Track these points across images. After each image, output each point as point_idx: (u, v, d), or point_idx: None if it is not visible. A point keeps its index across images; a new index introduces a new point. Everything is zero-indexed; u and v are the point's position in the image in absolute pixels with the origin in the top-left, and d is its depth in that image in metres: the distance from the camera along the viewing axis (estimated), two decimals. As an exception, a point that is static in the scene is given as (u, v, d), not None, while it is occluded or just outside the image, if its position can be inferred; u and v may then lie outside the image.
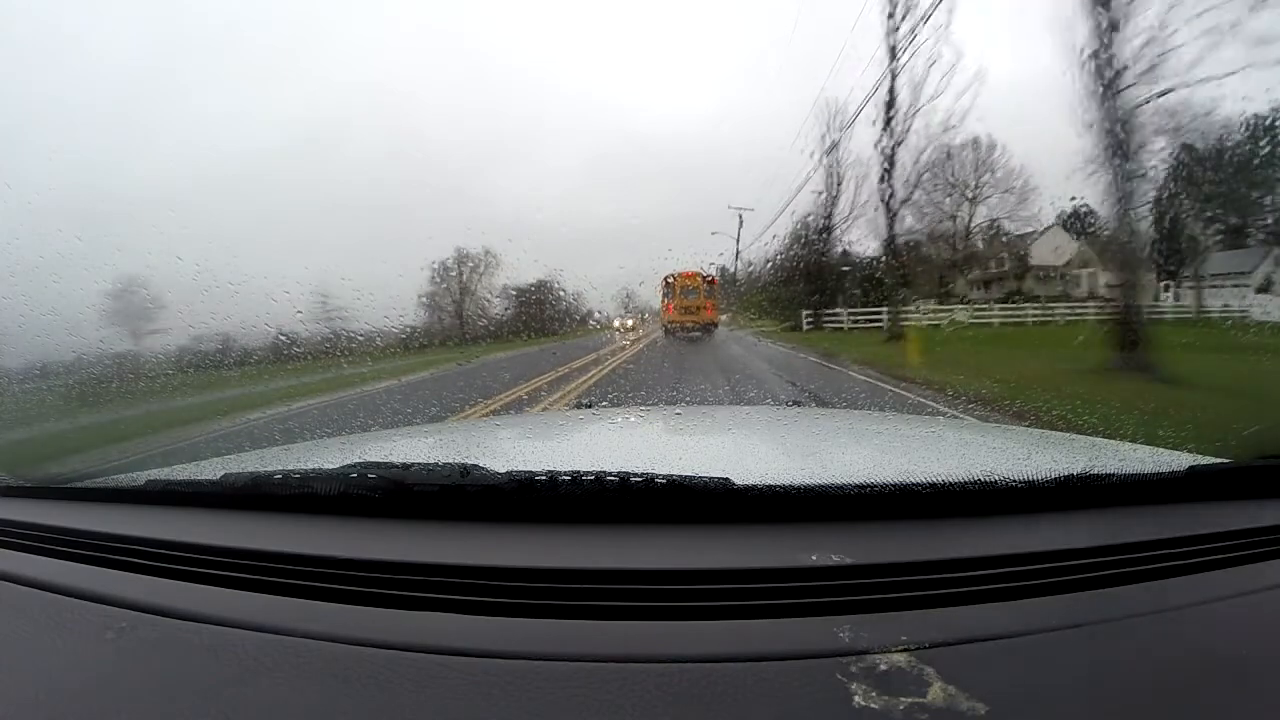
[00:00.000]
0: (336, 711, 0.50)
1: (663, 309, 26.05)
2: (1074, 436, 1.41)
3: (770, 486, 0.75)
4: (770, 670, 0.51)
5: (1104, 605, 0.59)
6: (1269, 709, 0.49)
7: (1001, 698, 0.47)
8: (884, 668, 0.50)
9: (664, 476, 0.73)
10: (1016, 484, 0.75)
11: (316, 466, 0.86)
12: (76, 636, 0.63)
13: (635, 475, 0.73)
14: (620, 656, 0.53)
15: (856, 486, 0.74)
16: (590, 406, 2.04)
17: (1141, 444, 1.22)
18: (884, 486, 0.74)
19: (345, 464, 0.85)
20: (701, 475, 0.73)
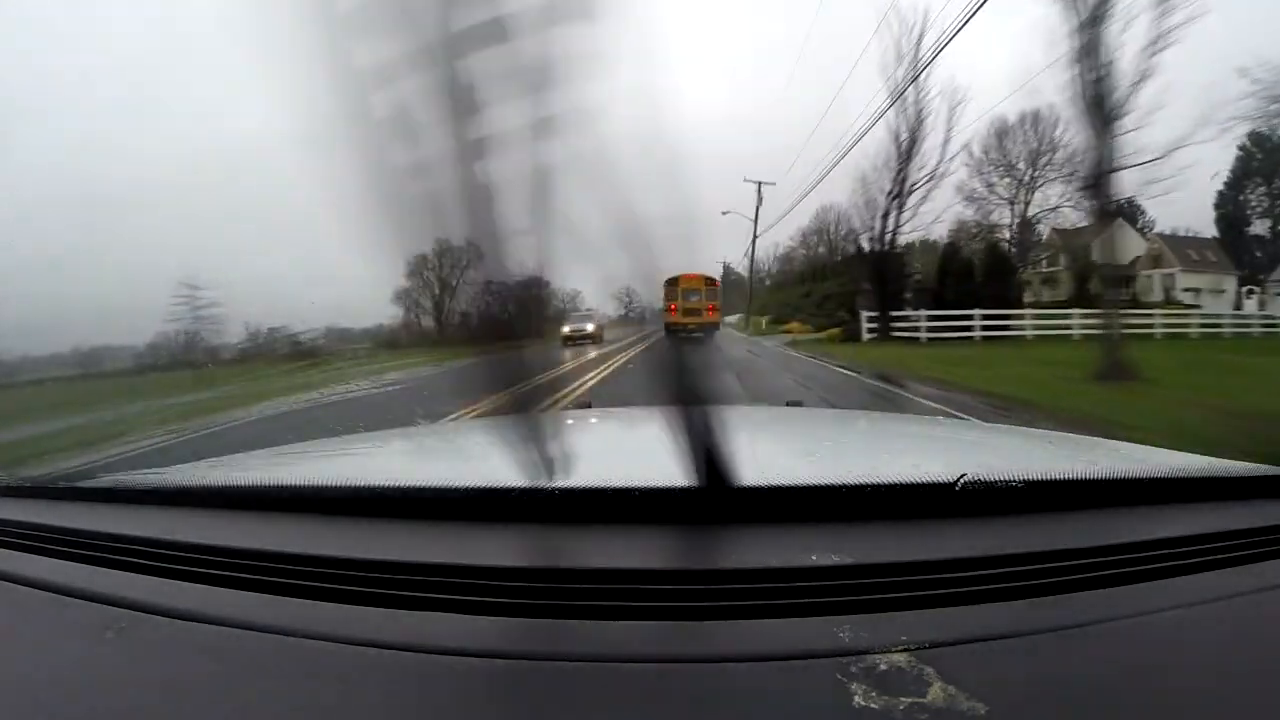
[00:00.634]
0: (336, 711, 0.50)
1: (664, 310, 26.11)
2: (1074, 436, 1.41)
3: (770, 486, 0.75)
4: (770, 670, 0.51)
5: (1104, 605, 0.59)
6: (1268, 709, 0.49)
7: (1001, 698, 0.47)
8: (884, 668, 0.50)
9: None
10: (1017, 484, 0.75)
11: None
12: (76, 636, 0.63)
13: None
14: (620, 656, 0.53)
15: (856, 486, 0.74)
16: (590, 405, 2.05)
17: (1141, 444, 1.22)
18: (884, 486, 0.74)
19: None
20: (698, 476, 0.73)
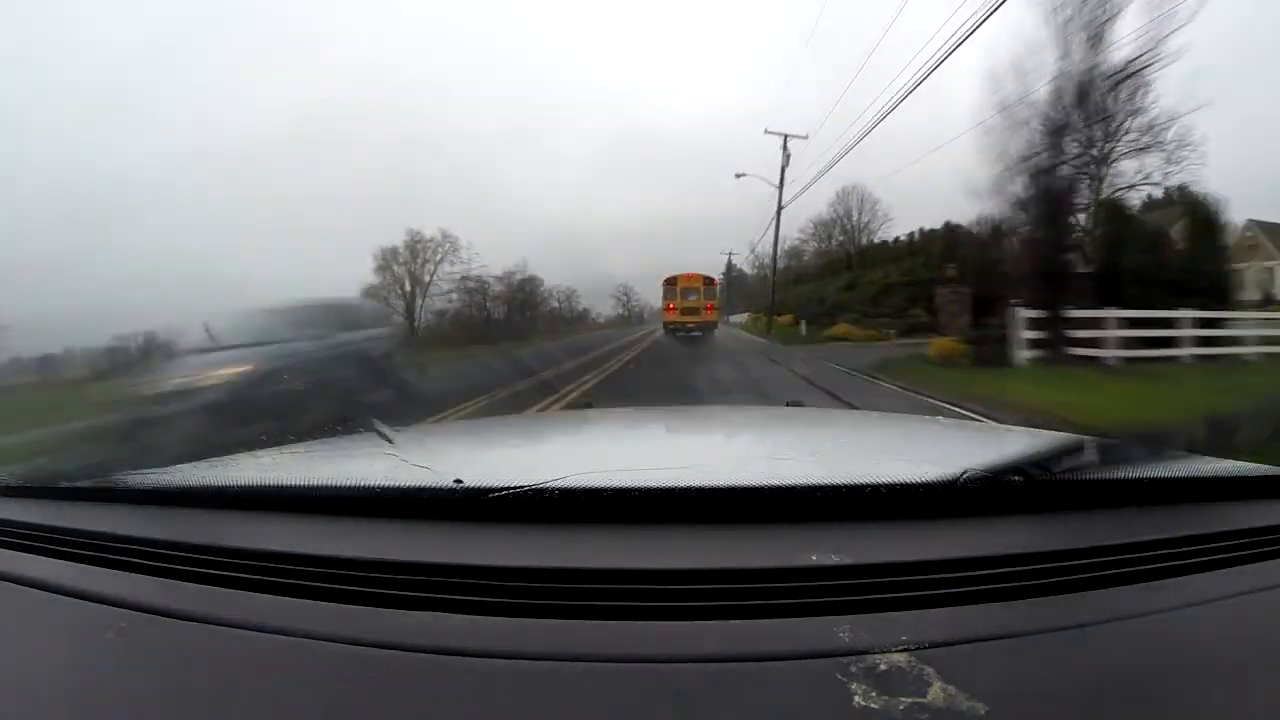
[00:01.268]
0: (336, 711, 0.50)
1: (663, 309, 26.22)
2: (1074, 436, 1.41)
3: (770, 486, 0.75)
4: (770, 670, 0.51)
5: (1104, 605, 0.59)
6: (1268, 709, 0.49)
7: (1001, 698, 0.47)
8: (884, 668, 0.50)
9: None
10: (1016, 484, 0.75)
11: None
12: (76, 636, 0.63)
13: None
14: (620, 656, 0.53)
15: (856, 486, 0.74)
16: (590, 405, 2.05)
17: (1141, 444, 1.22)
18: (884, 486, 0.74)
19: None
20: (701, 475, 0.73)
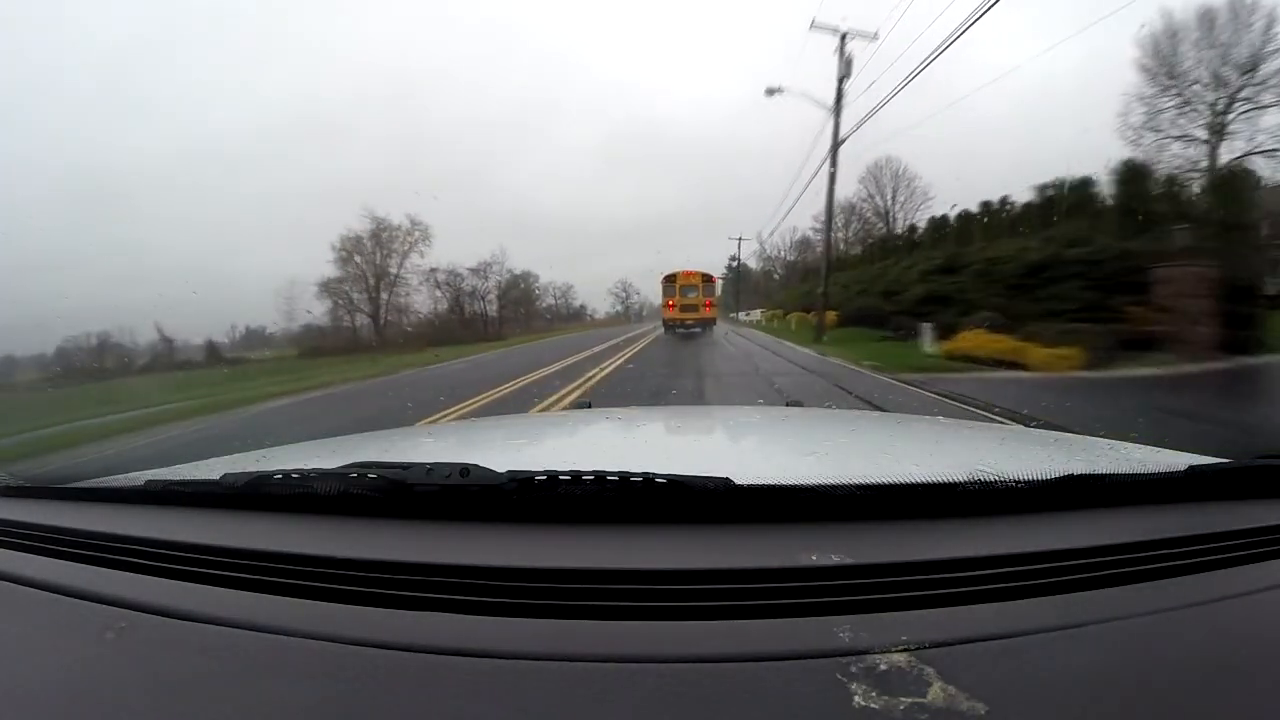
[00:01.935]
0: (336, 711, 0.50)
1: (663, 306, 26.37)
2: (1073, 436, 1.41)
3: (770, 486, 0.75)
4: (770, 670, 0.51)
5: (1103, 605, 0.59)
6: (1269, 709, 0.49)
7: (1001, 698, 0.47)
8: (884, 668, 0.50)
9: (664, 476, 0.73)
10: (1016, 484, 0.75)
11: (316, 467, 0.86)
12: (76, 636, 0.63)
13: (635, 475, 0.73)
14: (620, 656, 0.53)
15: (856, 486, 0.74)
16: (590, 406, 2.05)
17: (1141, 444, 1.22)
18: (884, 486, 0.74)
19: (345, 464, 0.85)
20: (701, 475, 0.73)
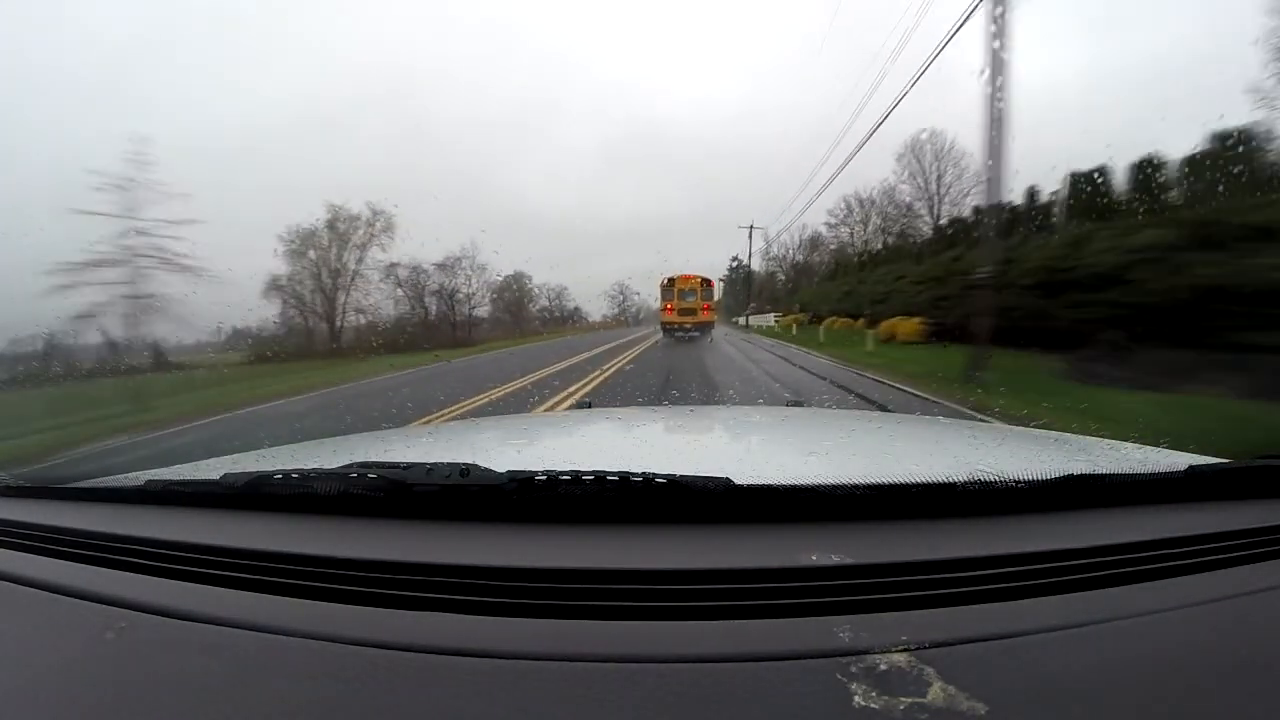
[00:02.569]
0: (336, 711, 0.50)
1: (661, 309, 26.47)
2: (1073, 436, 1.41)
3: (770, 486, 0.75)
4: (770, 670, 0.51)
5: (1104, 605, 0.59)
6: (1269, 709, 0.49)
7: (1001, 698, 0.47)
8: (884, 668, 0.50)
9: (664, 476, 0.73)
10: (1016, 484, 0.75)
11: (316, 466, 0.86)
12: (76, 636, 0.63)
13: (635, 475, 0.73)
14: (620, 656, 0.53)
15: (856, 486, 0.74)
16: (590, 406, 2.05)
17: (1141, 444, 1.22)
18: (884, 486, 0.74)
19: (345, 463, 0.85)
20: (701, 475, 0.73)
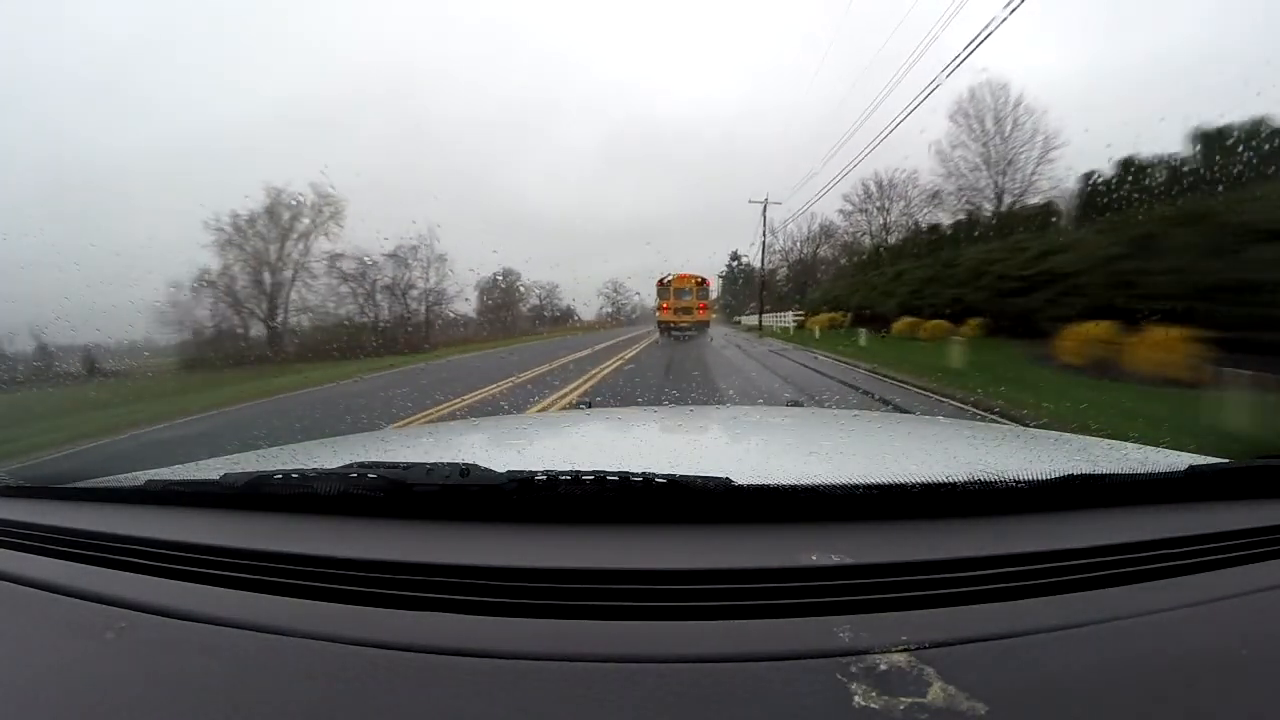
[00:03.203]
0: (336, 711, 0.50)
1: (657, 308, 26.59)
2: (1073, 436, 1.41)
3: (770, 486, 0.75)
4: (770, 670, 0.51)
5: (1104, 605, 0.59)
6: (1269, 709, 0.49)
7: (1001, 698, 0.47)
8: (884, 668, 0.50)
9: (664, 476, 0.73)
10: (1016, 484, 0.75)
11: (316, 466, 0.86)
12: (76, 636, 0.63)
13: (635, 475, 0.73)
14: (620, 656, 0.53)
15: (856, 486, 0.74)
16: (590, 406, 2.05)
17: (1141, 444, 1.22)
18: (884, 486, 0.74)
19: (345, 463, 0.85)
20: (701, 475, 0.73)
